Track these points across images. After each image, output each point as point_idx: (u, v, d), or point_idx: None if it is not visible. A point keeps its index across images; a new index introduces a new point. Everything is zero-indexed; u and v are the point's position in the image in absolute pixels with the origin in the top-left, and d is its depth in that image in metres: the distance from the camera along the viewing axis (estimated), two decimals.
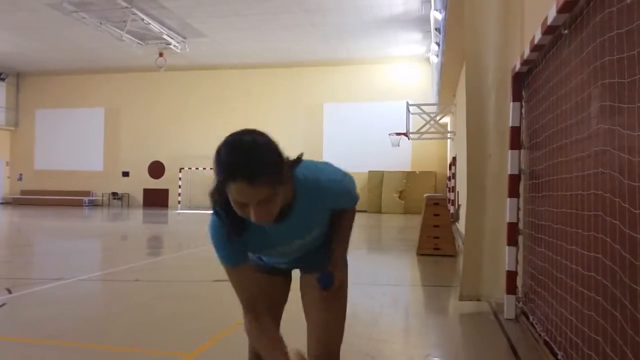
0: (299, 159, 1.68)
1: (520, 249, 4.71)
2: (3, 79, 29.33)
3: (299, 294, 2.22)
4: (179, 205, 26.70)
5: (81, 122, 29.74)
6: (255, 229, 1.76)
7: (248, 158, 1.48)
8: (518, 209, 4.66)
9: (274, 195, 1.53)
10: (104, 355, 3.78)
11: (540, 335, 3.92)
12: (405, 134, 19.88)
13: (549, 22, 3.32)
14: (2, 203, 29.44)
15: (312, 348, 2.03)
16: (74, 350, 3.86)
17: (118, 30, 20.20)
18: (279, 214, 1.65)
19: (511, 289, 4.69)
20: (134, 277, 6.95)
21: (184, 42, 22.23)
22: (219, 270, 1.88)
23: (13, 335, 4.23)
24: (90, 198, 29.03)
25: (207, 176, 27.41)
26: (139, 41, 21.63)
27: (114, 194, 28.94)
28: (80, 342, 4.05)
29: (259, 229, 1.77)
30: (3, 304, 5.22)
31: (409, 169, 25.37)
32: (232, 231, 1.71)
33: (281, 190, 1.56)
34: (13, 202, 29.44)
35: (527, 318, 4.45)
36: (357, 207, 2.23)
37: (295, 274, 2.27)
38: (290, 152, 1.57)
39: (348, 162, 25.94)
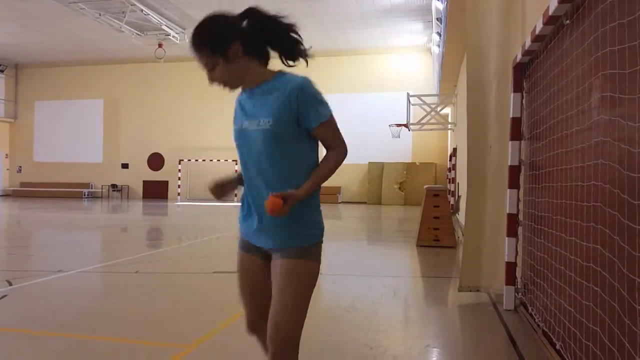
0: (260, 52, 1.99)
1: (520, 240, 4.71)
2: (2, 71, 29.26)
3: None
4: (179, 197, 26.72)
5: (80, 114, 29.68)
6: (243, 100, 2.06)
7: (196, 28, 1.90)
8: (518, 200, 4.66)
9: (215, 64, 1.89)
10: (104, 347, 3.79)
11: (539, 325, 3.93)
12: (406, 125, 19.84)
13: (550, 12, 3.30)
14: (1, 195, 29.46)
15: (268, 331, 2.01)
16: (75, 342, 3.88)
17: (117, 21, 20.12)
18: (254, 79, 1.96)
19: (510, 280, 4.70)
20: (134, 269, 6.96)
21: (183, 32, 22.14)
22: (219, 261, 1.88)
23: (14, 327, 4.24)
24: (90, 190, 29.04)
25: (207, 168, 27.42)
26: (138, 32, 21.55)
27: (114, 185, 28.95)
28: (80, 334, 4.06)
29: (244, 101, 2.06)
30: (3, 296, 5.23)
31: (409, 160, 25.36)
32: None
33: (223, 62, 1.89)
34: (12, 194, 29.46)
35: (526, 309, 4.46)
36: (357, 199, 2.25)
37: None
38: None
39: (348, 153, 25.97)
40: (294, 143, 1.98)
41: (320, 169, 2.01)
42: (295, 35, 2.15)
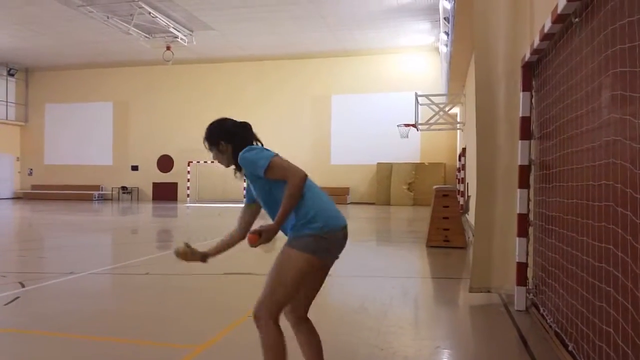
0: (243, 145, 2.71)
1: (531, 240, 4.68)
2: (12, 75, 29.51)
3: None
4: (188, 199, 26.81)
5: (90, 117, 29.88)
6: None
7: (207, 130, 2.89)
8: (528, 199, 4.63)
9: (215, 154, 2.82)
10: (115, 347, 3.81)
11: (550, 326, 3.90)
12: (414, 125, 19.79)
13: (559, 10, 3.28)
14: (13, 198, 29.71)
15: None
16: (86, 343, 3.90)
17: (125, 24, 20.23)
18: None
19: (521, 280, 4.67)
20: (144, 270, 6.99)
21: (191, 35, 22.22)
22: (228, 263, 1.90)
23: (26, 328, 4.28)
24: (100, 192, 29.23)
25: (216, 169, 27.49)
26: (146, 35, 21.66)
27: (124, 188, 29.11)
28: (92, 335, 4.09)
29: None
30: (16, 298, 5.27)
31: (418, 161, 25.27)
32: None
33: (218, 153, 2.80)
34: (24, 197, 29.70)
35: (538, 309, 4.43)
36: (366, 200, 2.40)
37: None
38: (297, 143, 1.66)
39: (356, 154, 25.92)
40: (269, 187, 2.62)
41: (284, 199, 2.49)
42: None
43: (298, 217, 2.53)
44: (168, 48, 22.97)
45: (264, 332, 2.52)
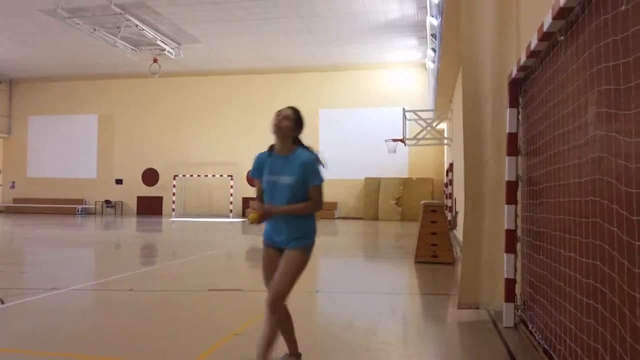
0: (300, 139, 3.48)
1: (519, 257, 4.69)
2: None
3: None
4: (173, 213, 26.60)
5: (74, 129, 29.62)
6: (275, 159, 3.39)
7: (297, 109, 3.46)
8: (516, 215, 4.64)
9: (289, 120, 3.38)
10: None
11: (539, 343, 3.89)
12: (402, 140, 19.90)
13: (544, 28, 3.32)
14: None
15: (269, 292, 3.32)
16: None
17: (112, 37, 20.18)
18: (286, 150, 3.38)
19: (510, 296, 4.66)
20: (128, 286, 6.88)
21: (178, 48, 22.22)
22: (214, 279, 1.86)
23: (7, 346, 4.17)
24: (84, 206, 28.88)
25: (202, 183, 27.32)
26: (132, 47, 21.61)
27: (107, 201, 28.78)
28: (75, 353, 3.99)
29: (275, 160, 3.39)
30: None
31: (405, 176, 25.37)
32: (268, 152, 3.47)
33: (290, 126, 3.38)
34: (5, 211, 29.25)
35: (526, 326, 4.42)
36: (353, 214, 2.54)
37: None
38: None
39: (344, 168, 25.91)
40: (299, 191, 3.34)
41: (300, 204, 3.33)
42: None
43: (308, 229, 3.39)
44: (155, 61, 22.93)
45: (278, 312, 3.26)
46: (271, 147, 3.45)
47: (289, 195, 3.29)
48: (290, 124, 3.35)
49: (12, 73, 28.39)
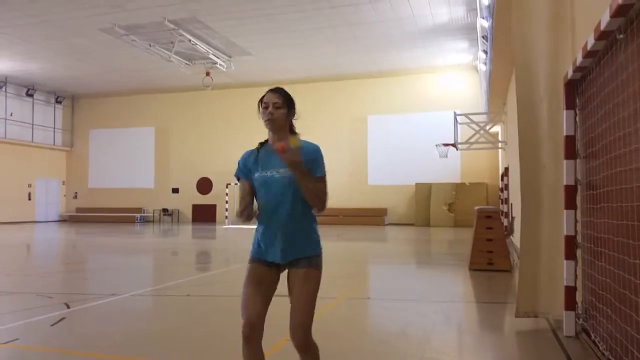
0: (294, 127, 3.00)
1: (579, 263, 4.51)
2: (60, 102, 30.76)
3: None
4: (226, 220, 27.11)
5: (133, 141, 30.80)
6: (268, 153, 2.86)
7: (281, 88, 2.97)
8: (575, 221, 4.48)
9: (280, 107, 2.84)
10: None
11: (603, 354, 3.73)
12: (454, 145, 19.54)
13: (602, 27, 3.20)
14: (59, 221, 30.70)
15: (292, 321, 2.74)
16: None
17: (166, 52, 20.87)
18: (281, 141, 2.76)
19: (570, 305, 4.49)
20: (185, 292, 7.06)
21: (229, 60, 22.73)
22: None
23: (72, 348, 4.36)
24: (142, 214, 29.90)
25: None
26: (186, 61, 22.28)
27: (165, 210, 29.70)
28: (134, 356, 4.13)
29: (267, 155, 2.87)
30: (62, 319, 5.39)
31: (458, 181, 24.89)
32: (257, 148, 2.99)
33: (284, 112, 2.85)
34: (69, 220, 30.65)
35: (589, 335, 4.24)
36: (404, 221, 2.40)
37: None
38: (335, 164, 1.69)
39: (394, 174, 25.75)
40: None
41: (319, 187, 2.77)
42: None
43: (317, 235, 2.86)
44: (207, 74, 23.53)
45: (312, 348, 2.76)
46: (260, 145, 3.00)
47: (293, 190, 2.75)
48: (283, 110, 2.85)
49: (74, 89, 29.83)
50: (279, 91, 2.92)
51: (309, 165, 2.74)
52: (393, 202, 25.84)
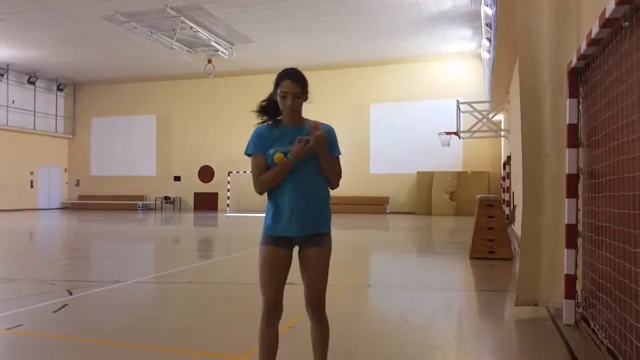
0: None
1: (580, 252, 4.52)
2: (61, 90, 30.71)
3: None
4: (228, 208, 27.16)
5: (134, 129, 30.77)
6: (283, 129, 2.95)
7: (298, 72, 2.94)
8: (577, 209, 4.47)
9: (300, 96, 2.89)
10: (157, 356, 3.86)
11: (602, 342, 3.74)
12: (456, 133, 19.48)
13: (607, 14, 3.17)
14: (61, 208, 30.79)
15: (307, 295, 2.90)
16: (130, 351, 3.97)
17: (168, 39, 20.78)
18: (296, 122, 2.96)
19: (570, 293, 4.50)
20: (186, 279, 7.10)
21: (231, 48, 22.64)
22: None
23: (74, 335, 4.39)
24: (144, 202, 29.96)
25: None
26: (188, 49, 22.18)
27: (166, 198, 29.76)
28: (136, 343, 4.16)
29: (286, 130, 2.94)
30: (64, 305, 5.43)
31: (460, 169, 24.84)
32: (272, 120, 3.06)
33: (303, 99, 2.93)
34: (71, 207, 30.72)
35: (588, 324, 4.26)
36: (406, 209, 2.43)
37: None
38: None
39: (396, 162, 25.71)
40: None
41: (337, 165, 2.96)
42: None
43: (328, 212, 2.95)
44: (209, 61, 23.45)
45: (325, 320, 2.93)
46: (275, 122, 3.03)
47: (313, 165, 2.85)
48: (303, 98, 2.94)
49: (75, 77, 29.77)
50: (297, 79, 2.89)
51: (328, 145, 2.89)
52: (395, 191, 25.84)
